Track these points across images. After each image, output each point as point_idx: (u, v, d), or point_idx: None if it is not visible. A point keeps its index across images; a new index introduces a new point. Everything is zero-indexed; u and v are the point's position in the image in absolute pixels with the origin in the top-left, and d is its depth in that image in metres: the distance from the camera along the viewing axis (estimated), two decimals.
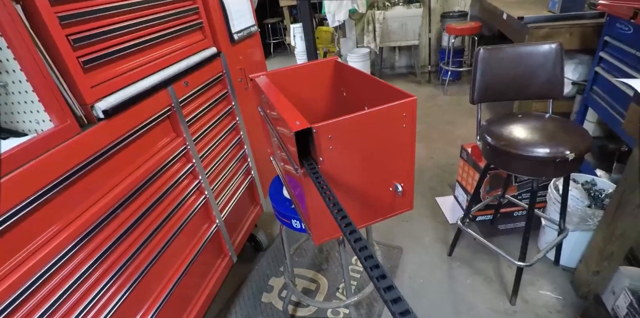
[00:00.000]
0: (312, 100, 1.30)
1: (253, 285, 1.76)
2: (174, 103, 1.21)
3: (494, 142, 1.27)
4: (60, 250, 0.84)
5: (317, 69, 1.25)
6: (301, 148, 0.78)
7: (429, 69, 4.13)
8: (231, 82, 1.58)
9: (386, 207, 0.94)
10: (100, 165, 0.95)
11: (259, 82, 1.11)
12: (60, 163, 0.83)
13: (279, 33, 6.34)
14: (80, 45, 0.85)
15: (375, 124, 0.79)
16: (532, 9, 2.58)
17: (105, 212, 0.96)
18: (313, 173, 0.74)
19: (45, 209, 0.82)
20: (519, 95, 1.47)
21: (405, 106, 0.80)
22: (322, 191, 0.71)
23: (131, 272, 1.06)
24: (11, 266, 0.74)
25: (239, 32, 1.66)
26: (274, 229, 2.12)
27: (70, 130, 0.85)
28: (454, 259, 1.74)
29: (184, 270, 1.28)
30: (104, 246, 0.96)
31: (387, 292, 0.40)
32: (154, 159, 1.14)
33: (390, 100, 0.88)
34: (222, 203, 1.53)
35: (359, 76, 1.08)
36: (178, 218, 1.26)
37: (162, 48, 1.18)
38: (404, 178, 0.90)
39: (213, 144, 1.46)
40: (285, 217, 1.11)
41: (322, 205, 0.79)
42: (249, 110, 1.73)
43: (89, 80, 0.89)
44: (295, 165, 0.78)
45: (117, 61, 0.98)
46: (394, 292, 0.40)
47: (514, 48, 1.44)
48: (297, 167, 0.78)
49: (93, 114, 0.92)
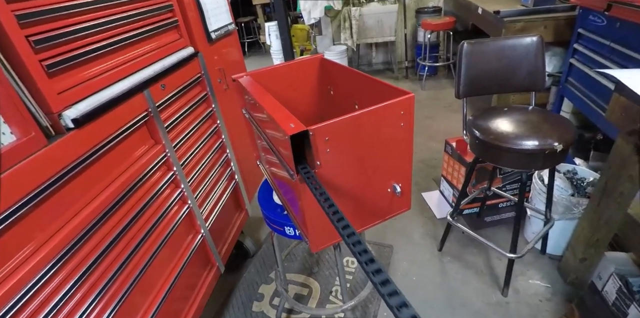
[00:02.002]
0: (297, 100, 1.25)
1: (242, 294, 1.69)
2: (151, 108, 1.13)
3: (483, 136, 1.26)
4: (35, 273, 0.76)
5: (302, 67, 1.20)
6: (295, 152, 0.73)
7: (405, 65, 4.15)
8: (210, 83, 1.51)
9: (384, 208, 0.91)
10: (72, 180, 0.87)
11: (243, 83, 1.05)
12: (25, 181, 0.74)
13: (252, 32, 6.22)
14: (42, 47, 0.77)
15: (373, 123, 0.75)
16: (505, 3, 2.62)
17: (82, 230, 0.88)
18: (309, 180, 0.69)
19: (13, 231, 0.73)
20: (502, 89, 1.47)
21: (402, 104, 0.76)
22: (320, 198, 0.66)
23: (115, 291, 0.98)
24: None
25: (216, 30, 1.59)
26: (260, 234, 2.06)
27: (34, 143, 0.76)
28: (444, 254, 1.74)
29: (170, 284, 1.20)
30: (84, 265, 0.88)
31: (391, 297, 0.39)
32: (132, 170, 1.05)
33: (385, 98, 0.84)
34: (206, 212, 1.45)
35: (347, 73, 1.03)
36: (161, 230, 1.18)
37: (135, 49, 1.09)
38: (402, 178, 0.87)
39: (194, 149, 1.38)
40: (277, 224, 1.06)
41: (320, 211, 0.75)
42: (230, 112, 1.66)
43: (54, 86, 0.81)
44: (290, 171, 0.73)
45: (86, 64, 0.90)
46: (398, 298, 0.39)
47: (497, 42, 1.44)
48: (292, 173, 0.73)
49: (61, 124, 0.83)
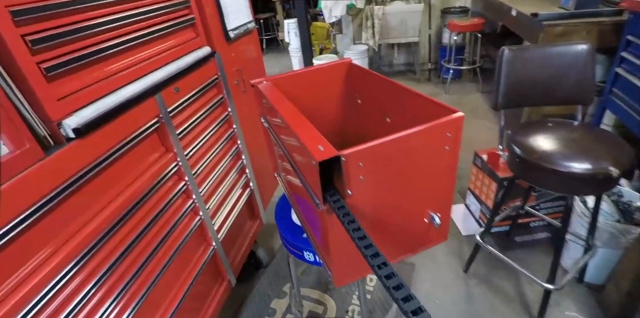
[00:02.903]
0: (320, 108, 1.14)
1: (254, 308, 1.60)
2: (162, 113, 1.03)
3: (524, 154, 1.13)
4: (40, 288, 0.70)
5: (327, 73, 1.09)
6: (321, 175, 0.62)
7: (428, 67, 3.99)
8: (227, 85, 1.41)
9: (419, 240, 0.79)
10: (72, 194, 0.78)
11: (263, 90, 0.94)
12: (18, 199, 0.66)
13: (271, 29, 6.13)
14: (41, 48, 0.68)
15: (414, 147, 0.64)
16: (542, 5, 2.45)
17: (86, 246, 0.80)
18: (340, 210, 0.59)
19: (11, 249, 0.66)
20: (545, 100, 1.34)
21: (450, 125, 0.65)
22: (353, 234, 0.56)
23: (122, 307, 0.91)
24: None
25: (235, 29, 1.49)
26: (274, 243, 1.97)
27: (29, 156, 0.68)
28: (470, 276, 1.61)
29: (179, 301, 1.12)
30: (91, 280, 0.81)
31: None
32: (140, 181, 0.97)
33: (424, 115, 0.73)
34: (218, 223, 1.36)
35: (379, 82, 0.92)
36: (170, 245, 1.09)
37: (147, 49, 1.00)
38: (442, 207, 0.75)
39: (208, 157, 1.29)
40: (295, 247, 0.96)
41: (348, 244, 0.64)
42: (246, 115, 1.56)
43: (53, 92, 0.72)
44: (316, 200, 0.63)
45: (90, 66, 0.81)
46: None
47: (542, 49, 1.31)
48: (318, 203, 0.62)
49: (61, 133, 0.75)
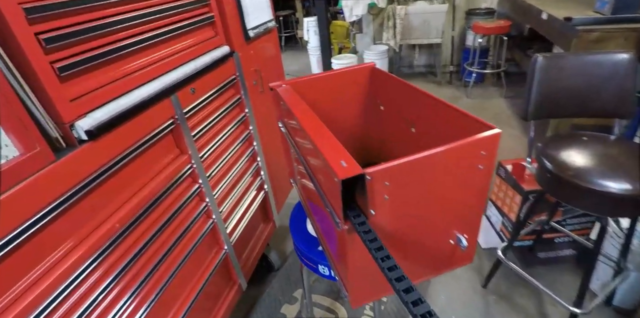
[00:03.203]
0: (340, 113, 1.09)
1: (264, 312, 1.57)
2: (177, 115, 1.00)
3: (557, 170, 1.06)
4: (53, 289, 0.68)
5: (349, 77, 1.04)
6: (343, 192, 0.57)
7: (450, 69, 3.89)
8: (245, 85, 1.38)
9: (442, 261, 0.74)
10: (85, 196, 0.75)
11: (282, 94, 0.90)
12: (26, 203, 0.63)
13: (290, 26, 6.09)
14: (54, 47, 0.65)
15: (445, 165, 0.59)
16: (575, 9, 2.34)
17: (98, 249, 0.78)
18: (363, 231, 0.54)
19: (22, 252, 0.64)
20: (580, 112, 1.25)
21: (485, 142, 0.59)
22: (376, 255, 0.51)
23: (137, 305, 0.90)
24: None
25: (255, 28, 1.45)
26: (286, 246, 1.93)
27: (39, 160, 0.65)
28: (489, 292, 1.54)
29: (189, 304, 1.09)
30: (103, 282, 0.79)
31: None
32: (153, 184, 0.94)
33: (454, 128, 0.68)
34: (231, 226, 1.33)
35: (405, 89, 0.87)
36: (181, 249, 1.07)
37: (164, 48, 0.97)
38: (470, 228, 0.70)
39: (223, 159, 1.26)
40: (310, 260, 0.92)
41: (368, 264, 0.60)
42: (263, 116, 1.52)
43: (66, 92, 0.69)
44: (337, 219, 0.58)
45: (105, 66, 0.78)
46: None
47: (579, 57, 1.23)
48: (339, 222, 0.58)
49: (73, 135, 0.72)
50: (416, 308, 0.42)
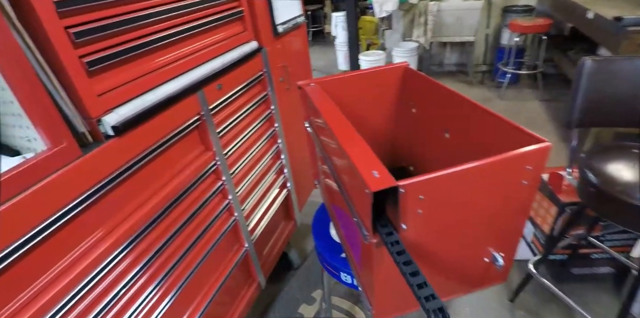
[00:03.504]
0: (369, 115, 1.05)
1: (281, 310, 1.56)
2: (203, 111, 0.99)
3: (603, 184, 0.98)
4: (84, 275, 0.70)
5: (381, 77, 0.99)
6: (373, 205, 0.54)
7: (482, 69, 3.74)
8: (272, 82, 1.35)
9: (475, 279, 0.69)
10: (108, 193, 0.75)
11: (310, 94, 0.87)
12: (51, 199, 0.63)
13: (318, 21, 6.03)
14: (83, 41, 0.64)
15: (486, 179, 0.54)
16: (625, 8, 2.18)
17: (124, 243, 0.78)
18: (393, 247, 0.50)
19: (51, 243, 0.65)
20: (631, 122, 1.15)
21: (533, 156, 0.54)
22: (406, 272, 0.47)
23: (157, 301, 0.90)
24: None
25: (284, 23, 1.42)
26: (306, 245, 1.91)
27: (66, 155, 0.65)
28: (517, 306, 1.47)
29: (210, 299, 1.09)
30: (116, 285, 0.79)
31: None
32: (178, 180, 0.93)
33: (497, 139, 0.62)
34: (252, 224, 1.32)
35: (442, 93, 0.81)
36: (204, 244, 1.06)
37: (192, 43, 0.95)
38: (507, 247, 0.65)
39: (247, 156, 1.24)
40: (332, 267, 0.89)
41: (396, 278, 0.56)
42: (289, 113, 1.50)
43: (94, 87, 0.68)
44: (365, 232, 0.54)
45: (133, 61, 0.77)
46: None
47: (633, 61, 1.13)
48: (367, 235, 0.54)
49: (100, 130, 0.71)
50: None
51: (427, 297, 0.44)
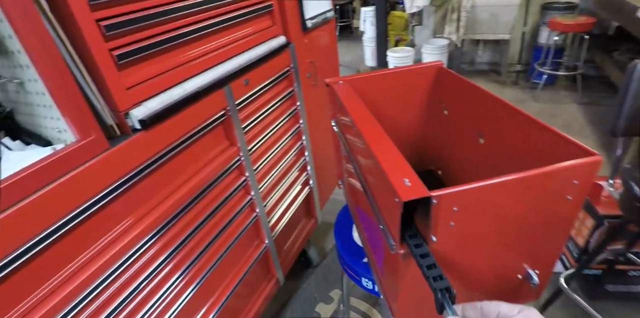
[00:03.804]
0: (398, 115, 1.01)
1: (298, 308, 1.56)
2: (229, 106, 0.98)
3: None
4: (105, 268, 0.71)
5: (413, 76, 0.95)
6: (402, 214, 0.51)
7: (517, 69, 3.58)
8: (299, 77, 1.33)
9: (504, 295, 0.65)
10: (134, 186, 0.75)
11: (338, 92, 0.84)
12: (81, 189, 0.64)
13: (346, 15, 5.95)
14: (114, 34, 0.64)
15: (527, 192, 0.50)
16: None
17: (148, 234, 0.80)
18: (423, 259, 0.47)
19: (80, 231, 0.66)
20: None
21: (581, 170, 0.49)
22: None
23: (180, 290, 0.92)
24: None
25: (313, 18, 1.40)
26: (326, 243, 1.90)
27: (94, 147, 0.65)
28: None
29: (230, 291, 1.10)
30: (142, 273, 0.80)
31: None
32: (201, 175, 0.93)
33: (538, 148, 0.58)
34: (273, 220, 1.31)
35: (478, 95, 0.77)
36: (225, 238, 1.07)
37: (220, 37, 0.94)
38: (543, 264, 0.60)
39: (271, 152, 1.23)
40: (353, 271, 0.86)
41: (421, 289, 0.53)
42: (314, 110, 1.47)
43: (123, 80, 0.68)
44: (392, 242, 0.52)
45: (161, 54, 0.76)
46: None
47: None
48: (394, 245, 0.52)
49: (127, 124, 0.71)
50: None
51: (435, 277, 0.44)
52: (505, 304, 0.39)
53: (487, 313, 0.39)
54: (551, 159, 0.54)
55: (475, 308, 0.40)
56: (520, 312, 0.38)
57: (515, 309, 0.38)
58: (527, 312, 0.38)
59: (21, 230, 0.56)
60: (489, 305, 0.40)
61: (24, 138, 0.74)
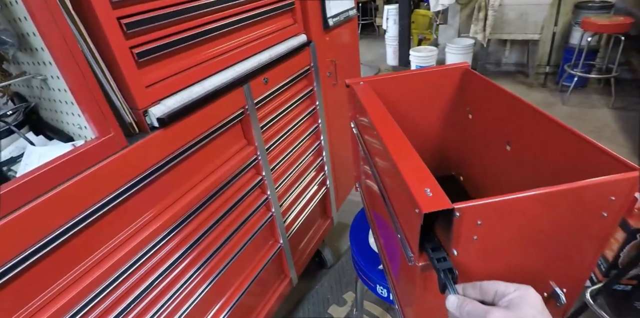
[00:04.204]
0: (419, 117, 0.98)
1: (311, 309, 1.55)
2: (248, 105, 0.97)
3: None
4: (121, 265, 0.72)
5: (437, 78, 0.92)
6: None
7: (545, 70, 3.44)
8: (319, 76, 1.31)
9: None
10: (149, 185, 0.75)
11: (359, 93, 0.81)
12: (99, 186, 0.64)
13: (369, 13, 5.88)
14: (135, 32, 0.63)
15: (558, 208, 0.46)
16: None
17: (165, 230, 0.80)
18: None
19: (99, 225, 0.67)
20: None
21: (619, 186, 0.46)
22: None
23: (195, 286, 0.92)
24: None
25: (335, 16, 1.37)
26: (341, 244, 1.88)
27: (113, 144, 0.65)
28: None
29: (244, 289, 1.10)
30: (159, 268, 0.81)
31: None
32: (218, 174, 0.93)
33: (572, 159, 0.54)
34: (289, 220, 1.31)
35: (507, 100, 0.73)
36: (241, 236, 1.07)
37: (241, 35, 0.93)
38: (572, 283, 0.57)
39: (288, 152, 1.22)
40: (368, 278, 0.84)
41: (438, 303, 0.51)
42: (333, 110, 1.45)
43: (143, 78, 0.68)
44: (410, 253, 0.49)
45: (181, 53, 0.76)
46: None
47: None
48: (412, 256, 0.49)
49: (146, 122, 0.71)
50: None
51: (439, 258, 0.46)
52: (502, 283, 0.43)
53: (486, 291, 0.43)
54: (585, 171, 0.50)
55: (475, 287, 0.44)
56: (517, 290, 0.41)
57: (512, 287, 0.42)
58: (523, 291, 0.41)
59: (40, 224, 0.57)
60: (488, 284, 0.43)
61: (47, 133, 0.75)
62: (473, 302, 0.42)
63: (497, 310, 0.39)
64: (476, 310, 0.41)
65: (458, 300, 0.43)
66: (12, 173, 0.67)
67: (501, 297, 0.41)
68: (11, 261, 0.54)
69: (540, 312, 0.39)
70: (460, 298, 0.43)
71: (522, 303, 0.39)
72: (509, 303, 0.40)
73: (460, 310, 0.42)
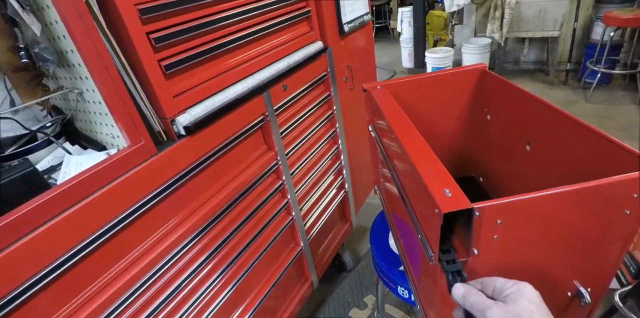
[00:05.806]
0: (437, 119, 0.98)
1: (332, 312, 1.56)
2: (268, 111, 1.00)
3: None
4: (150, 268, 0.75)
5: (454, 80, 0.93)
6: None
7: (567, 68, 3.36)
8: (335, 82, 1.34)
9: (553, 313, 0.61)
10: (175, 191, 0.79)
11: (376, 98, 0.83)
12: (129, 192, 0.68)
13: (383, 16, 5.89)
14: (162, 46, 0.67)
15: (580, 206, 0.47)
16: None
17: (191, 234, 0.83)
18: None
19: (130, 231, 0.71)
20: None
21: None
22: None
23: (218, 290, 0.95)
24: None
25: (350, 22, 1.39)
26: (361, 247, 1.89)
27: (144, 152, 0.69)
28: None
29: (266, 292, 1.12)
30: (184, 272, 0.84)
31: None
32: (240, 179, 0.96)
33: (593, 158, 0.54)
34: (309, 224, 1.33)
35: (526, 100, 0.73)
36: (262, 240, 1.09)
37: (261, 44, 0.97)
38: (596, 282, 0.56)
39: (307, 157, 1.24)
40: (389, 279, 0.86)
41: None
42: (350, 114, 1.47)
43: (170, 89, 0.72)
44: (430, 253, 0.50)
45: (206, 63, 0.79)
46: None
47: None
48: (432, 256, 0.50)
49: (173, 130, 0.75)
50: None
51: (448, 260, 0.49)
52: (501, 279, 0.45)
53: (486, 286, 0.45)
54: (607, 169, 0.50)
55: (477, 283, 0.46)
56: (514, 285, 0.43)
57: (509, 283, 0.43)
58: (520, 285, 0.42)
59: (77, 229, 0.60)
60: (488, 280, 0.45)
61: (81, 143, 0.80)
62: (478, 293, 0.44)
63: (497, 307, 0.41)
64: (478, 303, 0.42)
65: (464, 289, 0.45)
66: (52, 181, 0.71)
67: (499, 292, 0.43)
68: (52, 263, 0.57)
69: (536, 305, 0.41)
70: (466, 287, 0.45)
71: (518, 298, 0.41)
72: (506, 299, 0.42)
73: (464, 300, 0.44)
